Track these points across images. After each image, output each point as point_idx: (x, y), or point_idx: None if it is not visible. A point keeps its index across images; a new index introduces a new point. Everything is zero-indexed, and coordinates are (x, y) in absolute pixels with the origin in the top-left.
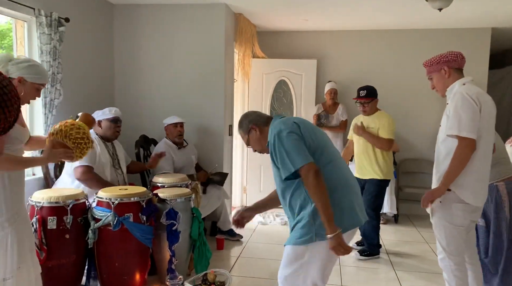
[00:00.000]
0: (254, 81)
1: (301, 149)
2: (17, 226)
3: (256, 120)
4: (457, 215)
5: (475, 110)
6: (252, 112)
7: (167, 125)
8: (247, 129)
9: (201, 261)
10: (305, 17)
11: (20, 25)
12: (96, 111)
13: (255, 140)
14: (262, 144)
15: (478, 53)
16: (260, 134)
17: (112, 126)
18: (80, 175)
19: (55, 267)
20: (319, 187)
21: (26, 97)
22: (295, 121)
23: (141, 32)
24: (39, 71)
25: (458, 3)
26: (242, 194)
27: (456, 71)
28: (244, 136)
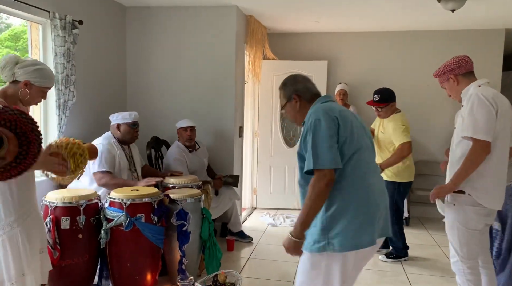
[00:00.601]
0: (264, 83)
1: (331, 150)
2: (27, 225)
3: (302, 92)
4: (471, 218)
5: (491, 112)
6: (302, 79)
7: (178, 128)
8: (289, 96)
9: (212, 262)
10: (316, 19)
11: (35, 27)
12: (115, 114)
13: (291, 111)
14: (297, 118)
15: (492, 54)
16: (300, 108)
17: (131, 131)
18: (99, 180)
19: (68, 267)
20: (321, 197)
21: (32, 100)
22: (336, 116)
23: (153, 34)
24: (45, 75)
25: (471, 4)
26: (252, 195)
27: (464, 76)
28: (282, 100)
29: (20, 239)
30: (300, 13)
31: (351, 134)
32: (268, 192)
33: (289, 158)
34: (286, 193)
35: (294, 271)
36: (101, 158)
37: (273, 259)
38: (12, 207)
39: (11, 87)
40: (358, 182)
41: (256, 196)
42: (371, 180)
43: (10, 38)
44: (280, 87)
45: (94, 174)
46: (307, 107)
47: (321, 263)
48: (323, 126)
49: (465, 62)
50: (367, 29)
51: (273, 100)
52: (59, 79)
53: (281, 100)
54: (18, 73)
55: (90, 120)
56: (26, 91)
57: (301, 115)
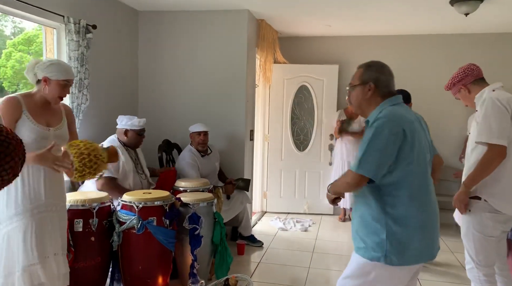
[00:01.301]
0: (275, 87)
1: (382, 161)
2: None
3: (381, 84)
4: (488, 225)
5: (506, 116)
6: (388, 72)
7: (192, 133)
8: (365, 80)
9: (222, 266)
10: (327, 23)
11: (50, 32)
12: (123, 117)
13: (359, 96)
14: (361, 106)
15: (507, 58)
16: (369, 98)
17: (138, 138)
18: (101, 186)
19: (80, 269)
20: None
21: (52, 96)
22: (404, 129)
23: (165, 38)
24: (60, 69)
25: (485, 7)
26: (262, 199)
27: (474, 83)
28: (354, 79)
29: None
30: (311, 17)
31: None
32: (278, 196)
33: (299, 162)
34: (297, 197)
35: (305, 276)
36: None
37: (283, 264)
38: (14, 202)
39: (36, 88)
40: (418, 196)
41: (266, 200)
42: (430, 195)
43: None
44: (361, 67)
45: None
46: (376, 101)
47: (371, 273)
48: (385, 136)
49: (471, 70)
50: (379, 33)
51: (283, 103)
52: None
53: (353, 78)
54: (38, 73)
55: (103, 124)
56: (46, 87)
57: (366, 105)
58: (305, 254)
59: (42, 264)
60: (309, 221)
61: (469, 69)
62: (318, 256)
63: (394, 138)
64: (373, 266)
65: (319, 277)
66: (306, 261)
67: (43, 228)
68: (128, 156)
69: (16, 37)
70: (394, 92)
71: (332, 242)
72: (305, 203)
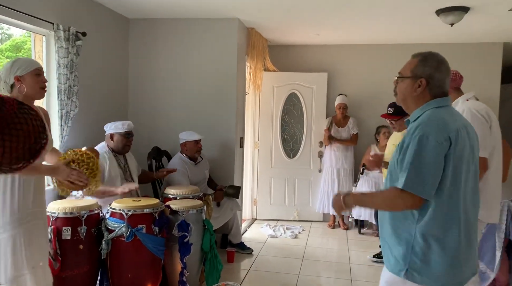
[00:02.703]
0: (265, 94)
1: (433, 178)
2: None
3: (435, 83)
4: None
5: (486, 127)
6: (446, 70)
7: (186, 141)
8: (418, 75)
9: (212, 274)
10: (316, 32)
11: (39, 39)
12: (108, 123)
13: (406, 90)
14: (406, 100)
15: (490, 67)
16: (417, 94)
17: (124, 140)
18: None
19: (68, 278)
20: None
21: (34, 89)
22: (450, 137)
23: (156, 46)
24: (24, 61)
25: (470, 18)
26: (252, 206)
27: (453, 91)
28: (406, 71)
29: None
30: (300, 26)
31: (459, 159)
32: (268, 203)
33: (289, 169)
34: (287, 204)
35: (295, 283)
36: None
37: (273, 271)
38: (2, 210)
39: (12, 92)
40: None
41: (256, 207)
42: (466, 209)
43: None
44: (416, 57)
45: None
46: (425, 98)
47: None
48: (432, 146)
49: (459, 77)
50: (367, 42)
51: (273, 111)
52: (62, 89)
53: (404, 69)
54: (7, 79)
55: (92, 131)
56: (22, 86)
57: (412, 102)
58: (295, 261)
59: (31, 274)
60: (299, 228)
61: (458, 74)
62: (308, 263)
63: (440, 147)
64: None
65: (309, 284)
66: (296, 268)
67: (31, 236)
68: (115, 162)
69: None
70: (446, 93)
71: (322, 249)
72: (295, 210)
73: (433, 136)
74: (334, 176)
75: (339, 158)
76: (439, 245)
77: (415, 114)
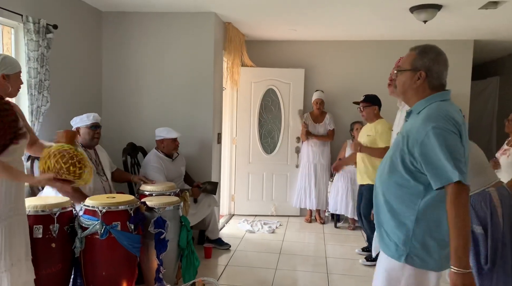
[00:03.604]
0: (242, 90)
1: (463, 160)
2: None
3: (434, 75)
4: None
5: None
6: (444, 62)
7: (163, 139)
8: (417, 67)
9: (189, 270)
10: (293, 27)
11: (7, 31)
12: (74, 118)
13: (406, 82)
14: (406, 93)
15: (461, 64)
16: (417, 87)
17: (90, 133)
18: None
19: (41, 277)
20: (466, 212)
21: (15, 89)
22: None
23: (130, 40)
24: (12, 60)
25: (442, 15)
26: (230, 202)
27: None
28: (406, 64)
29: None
30: (277, 21)
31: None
32: (246, 199)
33: (267, 165)
34: (264, 199)
35: (272, 278)
36: None
37: (251, 266)
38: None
39: None
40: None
41: (234, 203)
42: None
43: None
44: (415, 50)
45: None
46: (424, 92)
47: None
48: (452, 136)
49: None
50: (343, 38)
51: (251, 107)
52: (32, 84)
53: (403, 62)
54: None
55: (64, 127)
56: (7, 84)
57: (412, 94)
58: (272, 255)
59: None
60: (276, 222)
61: None
62: (285, 258)
63: (457, 135)
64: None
65: (286, 278)
66: (273, 262)
67: (12, 233)
68: (87, 156)
69: None
70: (445, 85)
71: (298, 243)
72: (272, 205)
73: (448, 127)
74: (311, 171)
75: (316, 153)
76: (439, 229)
77: (418, 106)
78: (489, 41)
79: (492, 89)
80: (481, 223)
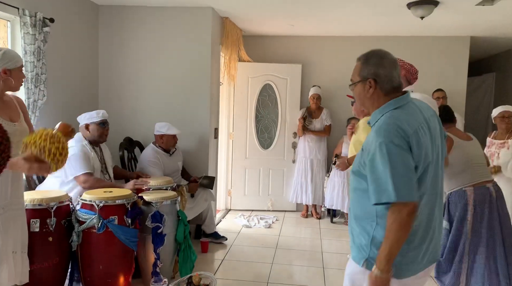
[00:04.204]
0: (239, 85)
1: (411, 177)
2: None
3: (382, 80)
4: None
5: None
6: (389, 63)
7: (163, 134)
8: (364, 76)
9: (186, 264)
10: (290, 23)
11: (3, 24)
12: (83, 114)
13: (361, 94)
14: (365, 104)
15: (458, 60)
16: (371, 96)
17: (100, 129)
18: (83, 183)
19: (38, 270)
20: (404, 228)
21: (18, 83)
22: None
23: (127, 34)
24: (14, 55)
25: (439, 12)
26: (226, 196)
27: (406, 82)
28: (355, 76)
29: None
30: (274, 16)
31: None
32: (242, 194)
33: (263, 160)
34: (261, 194)
35: (268, 272)
36: (80, 159)
37: (247, 260)
38: None
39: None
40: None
41: (230, 198)
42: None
43: None
44: (360, 59)
45: (76, 177)
46: (379, 99)
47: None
48: (397, 152)
49: (415, 77)
50: (341, 34)
51: (248, 101)
52: (28, 78)
53: (353, 74)
54: None
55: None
56: (9, 79)
57: (370, 104)
58: (268, 250)
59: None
60: (272, 217)
61: (416, 74)
62: (281, 252)
63: (404, 149)
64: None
65: (281, 272)
66: (269, 257)
67: (7, 226)
68: (95, 153)
69: None
70: (399, 87)
71: (294, 238)
72: (269, 200)
73: (395, 141)
74: (308, 166)
75: (313, 148)
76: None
77: (374, 117)
78: (486, 37)
79: (488, 85)
80: (449, 220)
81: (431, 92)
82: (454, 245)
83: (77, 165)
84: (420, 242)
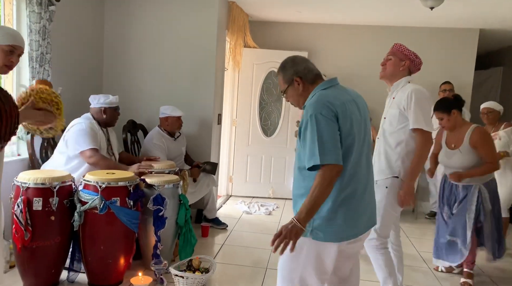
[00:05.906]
0: (244, 71)
1: (337, 144)
2: None
3: (303, 73)
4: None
5: (431, 106)
6: (301, 60)
7: (168, 116)
8: (290, 79)
9: (186, 248)
10: (297, 9)
11: (9, 1)
12: (97, 96)
13: (294, 95)
14: (300, 102)
15: (465, 53)
16: (302, 91)
17: (116, 115)
18: (89, 158)
19: (39, 248)
20: (328, 188)
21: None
22: (337, 111)
23: (133, 16)
24: (2, 32)
25: (449, 2)
26: (228, 183)
27: (408, 71)
28: (283, 85)
29: None
30: (282, 1)
31: (350, 128)
32: (244, 181)
33: (266, 147)
34: (262, 181)
35: (267, 258)
36: (88, 135)
37: (246, 246)
38: None
39: None
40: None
41: (232, 184)
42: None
43: None
44: (279, 71)
45: (82, 152)
46: (309, 89)
47: (304, 247)
48: (325, 122)
49: (418, 68)
50: (348, 22)
51: (252, 88)
52: (33, 57)
53: (280, 85)
54: None
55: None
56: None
57: (304, 98)
58: (268, 236)
59: None
60: (273, 205)
61: (421, 65)
62: None
63: (331, 120)
64: (303, 241)
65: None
66: (269, 243)
67: None
68: (102, 134)
69: None
70: (319, 74)
71: None
72: (270, 188)
73: (324, 112)
74: None
75: None
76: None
77: (307, 101)
78: (495, 30)
79: (495, 79)
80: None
81: (439, 84)
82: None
83: (84, 140)
84: (356, 207)
